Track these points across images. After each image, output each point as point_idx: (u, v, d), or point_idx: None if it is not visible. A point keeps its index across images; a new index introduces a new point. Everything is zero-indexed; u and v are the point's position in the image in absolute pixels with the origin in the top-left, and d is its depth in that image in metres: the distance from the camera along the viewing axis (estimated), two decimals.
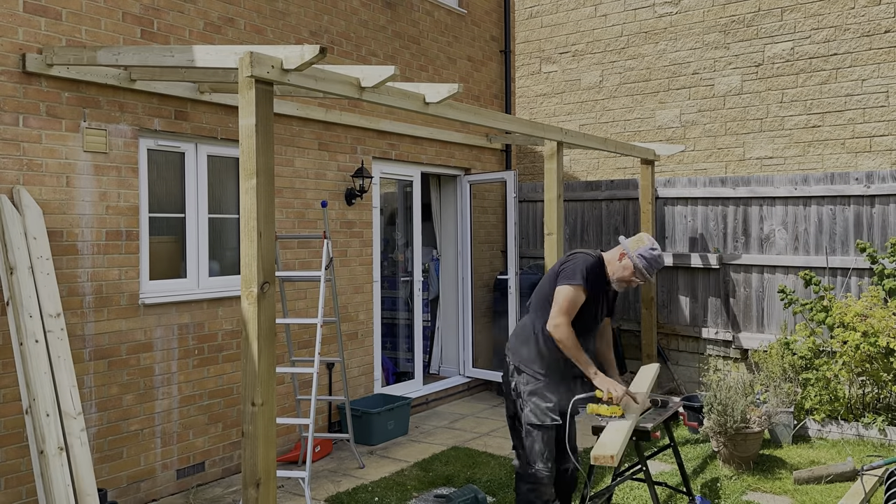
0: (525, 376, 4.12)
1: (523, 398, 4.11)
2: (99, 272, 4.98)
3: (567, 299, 3.95)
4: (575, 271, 4.00)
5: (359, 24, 7.10)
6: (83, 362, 4.87)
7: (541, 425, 4.04)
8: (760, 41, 7.91)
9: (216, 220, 5.94)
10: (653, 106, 8.61)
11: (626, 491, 5.30)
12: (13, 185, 4.54)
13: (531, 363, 4.12)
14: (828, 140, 7.55)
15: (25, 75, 4.60)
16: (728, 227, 7.78)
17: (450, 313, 8.77)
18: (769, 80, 7.86)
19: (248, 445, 3.67)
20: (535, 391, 4.07)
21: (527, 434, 4.08)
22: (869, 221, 7.01)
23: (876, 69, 7.29)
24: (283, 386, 6.29)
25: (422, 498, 5.22)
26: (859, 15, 7.38)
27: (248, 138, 3.64)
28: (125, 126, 5.14)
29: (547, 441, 4.06)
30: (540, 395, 4.06)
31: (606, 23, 8.94)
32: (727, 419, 5.65)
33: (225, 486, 5.63)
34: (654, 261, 4.11)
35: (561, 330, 3.92)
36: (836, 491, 5.18)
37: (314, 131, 6.59)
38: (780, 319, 7.42)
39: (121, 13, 5.12)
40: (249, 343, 3.66)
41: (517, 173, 8.57)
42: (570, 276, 4.00)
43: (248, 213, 3.65)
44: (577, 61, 9.16)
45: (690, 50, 8.35)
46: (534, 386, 4.08)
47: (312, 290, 6.52)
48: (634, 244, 4.14)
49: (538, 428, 4.05)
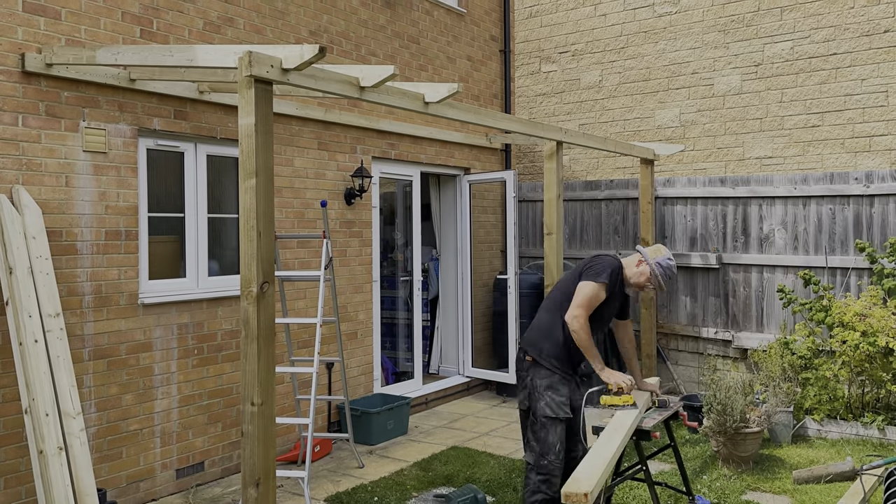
0: (543, 370, 4.29)
1: (539, 391, 4.26)
2: (98, 272, 4.98)
3: (590, 294, 4.19)
4: (602, 270, 4.25)
5: (358, 24, 7.09)
6: (82, 362, 4.87)
7: (555, 418, 4.21)
8: (760, 41, 7.91)
9: (215, 220, 5.94)
10: (652, 106, 8.61)
11: (625, 491, 5.30)
12: (12, 184, 4.54)
13: (551, 357, 4.29)
14: (827, 140, 7.55)
15: (25, 75, 4.60)
16: (728, 227, 7.78)
17: (449, 313, 8.76)
18: (769, 80, 7.86)
19: (248, 445, 3.67)
20: (551, 385, 4.25)
21: (542, 427, 4.22)
22: (868, 221, 7.01)
23: (875, 69, 7.29)
24: (283, 386, 6.28)
25: (421, 498, 5.22)
26: (859, 15, 7.38)
27: (247, 138, 3.63)
28: (124, 126, 5.14)
29: (560, 433, 4.22)
30: (555, 389, 4.25)
31: (606, 22, 8.94)
32: (727, 419, 5.65)
33: (224, 485, 5.63)
34: (671, 269, 4.41)
35: (579, 321, 4.14)
36: (835, 490, 5.18)
37: (314, 131, 6.59)
38: (779, 319, 7.42)
39: (120, 13, 5.11)
40: (249, 343, 3.65)
41: (517, 173, 8.56)
42: (596, 273, 4.24)
43: (248, 213, 3.65)
44: (576, 61, 9.16)
45: (690, 49, 8.35)
46: (550, 380, 4.26)
47: (312, 290, 6.51)
48: (653, 252, 4.43)
49: (553, 420, 4.20)
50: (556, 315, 4.35)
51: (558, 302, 4.38)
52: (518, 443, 6.61)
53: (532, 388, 4.30)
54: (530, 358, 4.35)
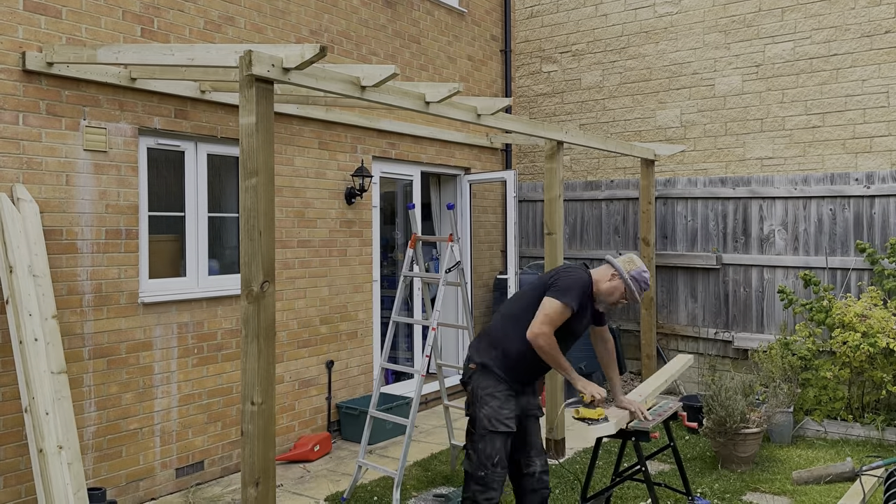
0: (488, 379, 4.07)
1: (481, 401, 4.04)
2: (98, 271, 4.97)
3: (554, 312, 3.93)
4: (569, 289, 3.98)
5: (359, 24, 7.09)
6: (82, 361, 4.87)
7: (495, 431, 3.98)
8: (761, 41, 7.91)
9: (216, 219, 5.94)
10: (653, 106, 8.61)
11: (625, 491, 5.30)
12: (13, 183, 4.54)
13: (500, 368, 4.07)
14: (828, 140, 7.55)
15: (25, 74, 4.60)
16: (728, 228, 7.78)
17: (449, 313, 8.75)
18: (769, 81, 7.86)
19: (248, 444, 3.67)
20: (494, 395, 4.03)
21: (480, 437, 4.02)
22: (869, 222, 7.01)
23: (876, 69, 7.29)
24: (283, 385, 6.28)
25: (421, 497, 5.22)
26: (860, 15, 7.37)
27: (248, 137, 3.63)
28: (125, 125, 5.14)
29: (500, 447, 3.99)
30: (498, 400, 4.02)
31: (607, 22, 8.94)
32: (727, 419, 5.65)
33: (224, 485, 5.63)
34: (645, 283, 4.13)
35: (545, 338, 3.89)
36: (835, 491, 5.18)
37: (314, 130, 6.59)
38: (779, 320, 7.42)
39: (121, 11, 5.11)
40: (249, 342, 3.65)
41: (517, 173, 8.56)
42: (562, 292, 3.96)
43: (248, 212, 3.65)
44: (577, 61, 9.15)
45: (691, 50, 8.34)
46: (494, 390, 4.04)
47: (312, 290, 6.52)
48: (626, 265, 4.13)
49: (492, 434, 3.99)
50: (512, 326, 4.09)
51: (517, 312, 4.12)
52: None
53: (474, 397, 4.07)
54: (474, 366, 4.12)
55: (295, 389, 6.37)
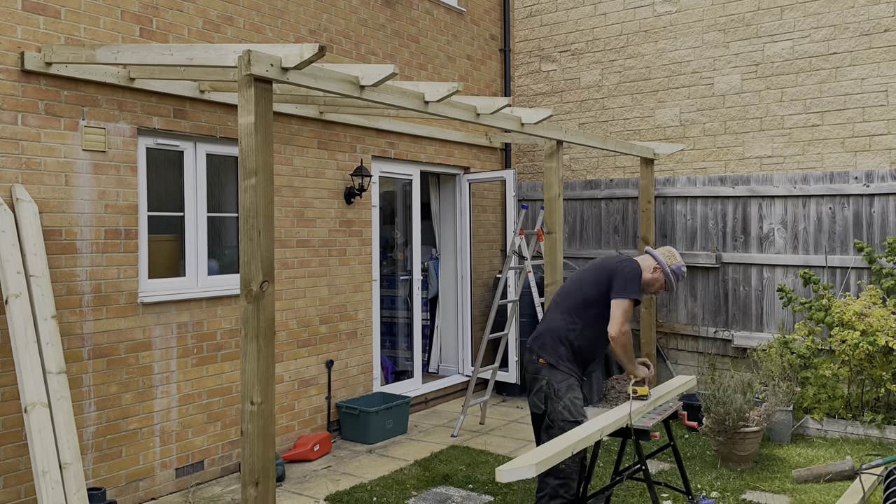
0: (560, 373, 4.28)
1: (558, 395, 4.23)
2: (98, 271, 4.97)
3: (630, 309, 4.22)
4: (632, 282, 4.23)
5: (358, 23, 7.09)
6: (82, 361, 4.87)
7: (575, 421, 4.16)
8: (760, 40, 7.90)
9: (215, 219, 5.93)
10: (652, 105, 8.61)
11: (625, 490, 5.30)
12: (12, 183, 4.54)
13: (568, 361, 4.29)
14: (827, 139, 7.55)
15: (24, 74, 4.60)
16: (727, 226, 7.78)
17: (449, 312, 8.76)
18: (768, 79, 7.86)
19: (247, 444, 3.67)
20: (571, 387, 4.25)
21: (559, 430, 4.17)
22: (868, 220, 7.01)
23: (875, 68, 7.29)
24: (282, 385, 6.28)
25: (421, 497, 5.21)
26: (859, 14, 7.37)
27: (247, 137, 3.63)
28: (124, 125, 5.14)
29: None
30: (575, 392, 4.26)
31: (606, 21, 8.93)
32: (726, 418, 5.65)
33: (224, 484, 5.63)
34: (683, 275, 4.50)
35: (627, 336, 4.19)
36: (834, 490, 5.18)
37: (313, 130, 6.58)
38: (779, 318, 7.42)
39: (119, 11, 5.11)
40: (248, 342, 3.65)
41: (517, 172, 8.56)
42: (629, 289, 4.21)
43: (248, 212, 3.65)
44: (576, 60, 9.15)
45: (690, 49, 8.34)
46: (568, 382, 4.26)
47: (311, 290, 6.52)
48: (669, 259, 4.45)
49: (572, 424, 4.15)
50: (573, 318, 4.32)
51: (576, 305, 4.35)
52: (518, 442, 6.61)
53: (551, 391, 4.25)
54: (544, 361, 4.31)
55: (294, 389, 6.37)
